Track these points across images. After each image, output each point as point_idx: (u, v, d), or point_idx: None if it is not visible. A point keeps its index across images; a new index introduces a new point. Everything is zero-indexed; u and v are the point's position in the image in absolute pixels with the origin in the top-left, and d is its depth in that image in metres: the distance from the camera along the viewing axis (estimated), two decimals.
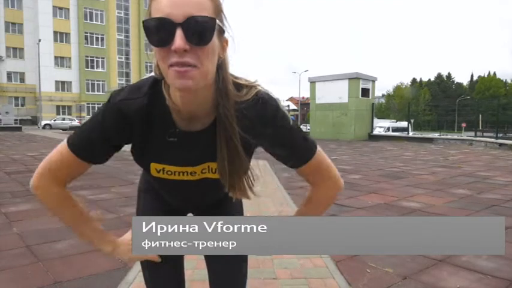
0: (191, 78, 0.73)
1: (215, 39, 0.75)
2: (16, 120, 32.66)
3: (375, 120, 20.00)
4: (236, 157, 0.84)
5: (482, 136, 17.95)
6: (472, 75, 74.98)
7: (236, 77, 0.87)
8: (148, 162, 0.92)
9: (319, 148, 0.92)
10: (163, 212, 1.06)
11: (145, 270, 1.09)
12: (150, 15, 0.74)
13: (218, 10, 0.77)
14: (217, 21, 0.74)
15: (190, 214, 1.14)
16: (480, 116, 27.83)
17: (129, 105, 0.83)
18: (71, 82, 47.83)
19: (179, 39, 0.70)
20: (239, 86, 0.85)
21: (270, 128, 0.85)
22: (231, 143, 0.83)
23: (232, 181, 0.86)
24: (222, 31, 0.79)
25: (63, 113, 45.57)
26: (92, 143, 0.86)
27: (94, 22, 48.74)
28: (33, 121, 42.48)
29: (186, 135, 0.87)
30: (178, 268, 1.12)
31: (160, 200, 1.07)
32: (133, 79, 51.40)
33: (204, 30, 0.72)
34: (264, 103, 0.84)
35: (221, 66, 0.81)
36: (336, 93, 17.75)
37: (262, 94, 0.85)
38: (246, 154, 0.87)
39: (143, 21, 0.73)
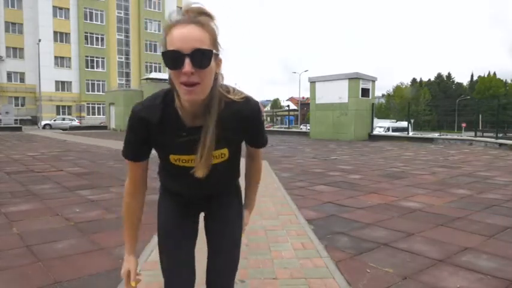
0: (195, 94, 1.02)
1: (212, 62, 1.02)
2: (16, 120, 32.67)
3: (375, 120, 19.95)
4: (212, 142, 1.11)
5: (482, 136, 17.95)
6: (472, 75, 74.68)
7: (228, 86, 1.16)
8: (167, 155, 1.19)
9: None
10: (180, 216, 1.31)
11: (162, 254, 1.31)
12: (165, 45, 1.01)
13: (214, 40, 1.04)
14: (213, 50, 1.02)
15: (202, 213, 1.38)
16: (480, 116, 27.85)
17: (147, 112, 1.12)
18: (71, 82, 47.83)
19: (187, 65, 0.97)
20: (229, 91, 1.15)
21: (254, 120, 1.19)
22: (213, 131, 1.10)
23: (204, 157, 1.12)
24: (217, 55, 1.05)
25: (63, 113, 45.58)
26: (134, 149, 1.18)
27: (94, 22, 48.72)
28: (33, 121, 42.47)
29: (191, 130, 1.12)
30: (190, 253, 1.32)
31: (176, 205, 1.32)
32: (133, 79, 51.42)
33: (204, 58, 1.00)
34: (254, 103, 1.18)
35: (216, 78, 1.08)
36: (336, 93, 17.73)
37: (249, 97, 1.17)
38: (232, 141, 1.20)
39: (162, 52, 1.01)
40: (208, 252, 1.33)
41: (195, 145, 1.12)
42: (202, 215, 1.38)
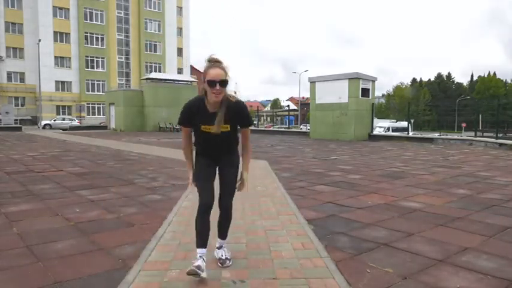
0: (218, 97, 2.30)
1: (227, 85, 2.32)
2: (16, 120, 32.67)
3: (375, 120, 19.95)
4: (222, 117, 2.35)
5: (482, 136, 17.94)
6: (472, 75, 74.31)
7: (229, 94, 2.34)
8: (200, 125, 2.38)
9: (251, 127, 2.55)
10: (206, 167, 2.48)
11: (199, 187, 2.46)
12: (205, 76, 2.30)
13: (227, 74, 2.29)
14: (227, 79, 2.29)
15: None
16: (480, 116, 27.84)
17: (190, 105, 2.40)
18: (71, 82, 47.80)
19: (218, 86, 2.26)
20: (230, 96, 2.35)
21: (243, 113, 2.43)
22: (222, 113, 2.35)
23: (217, 123, 2.35)
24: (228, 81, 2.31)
25: (63, 113, 45.54)
26: (186, 119, 2.43)
27: (94, 22, 48.69)
28: (33, 121, 42.44)
29: (211, 114, 2.35)
30: (212, 186, 2.45)
31: (205, 158, 2.49)
32: (133, 79, 51.40)
33: (224, 83, 2.28)
34: (243, 104, 2.44)
35: (226, 90, 2.32)
36: (336, 93, 17.73)
37: (240, 100, 2.42)
38: (231, 121, 2.40)
39: (207, 80, 2.28)
40: (219, 185, 2.49)
41: (213, 120, 2.32)
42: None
